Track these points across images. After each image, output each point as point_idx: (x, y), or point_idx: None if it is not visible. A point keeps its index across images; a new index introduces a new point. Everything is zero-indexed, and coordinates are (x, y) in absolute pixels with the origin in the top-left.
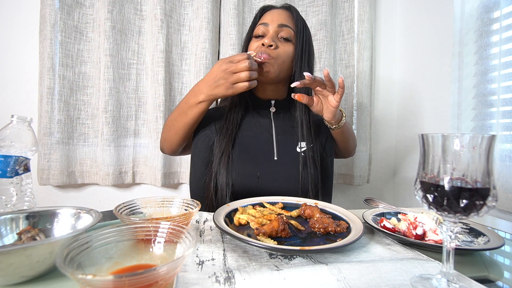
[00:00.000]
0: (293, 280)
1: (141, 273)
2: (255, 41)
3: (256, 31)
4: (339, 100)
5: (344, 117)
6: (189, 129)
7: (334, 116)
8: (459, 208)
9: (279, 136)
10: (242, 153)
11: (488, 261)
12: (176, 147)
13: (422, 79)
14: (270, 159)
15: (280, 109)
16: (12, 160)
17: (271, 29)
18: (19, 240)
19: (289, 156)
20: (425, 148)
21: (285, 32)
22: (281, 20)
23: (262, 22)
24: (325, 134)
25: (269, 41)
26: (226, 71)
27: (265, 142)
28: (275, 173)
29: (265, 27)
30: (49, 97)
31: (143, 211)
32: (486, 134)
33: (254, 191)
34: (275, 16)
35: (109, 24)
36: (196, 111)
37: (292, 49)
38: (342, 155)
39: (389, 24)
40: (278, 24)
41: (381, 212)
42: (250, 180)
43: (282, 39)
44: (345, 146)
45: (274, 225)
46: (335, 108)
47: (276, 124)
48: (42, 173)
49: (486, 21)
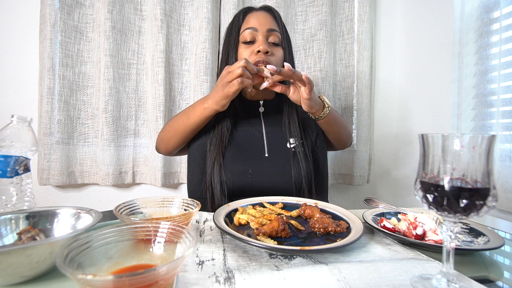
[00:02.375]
0: (293, 280)
1: (141, 273)
2: (245, 47)
3: (244, 36)
4: (308, 92)
5: (327, 108)
6: (188, 132)
7: (311, 107)
8: (459, 208)
9: (269, 134)
10: (234, 152)
11: (488, 261)
12: (172, 148)
13: (422, 79)
14: (261, 156)
15: (269, 108)
16: (12, 160)
17: (261, 34)
18: (19, 240)
19: (279, 152)
20: (425, 148)
21: (274, 36)
22: (268, 24)
23: (249, 27)
24: (315, 130)
25: (265, 48)
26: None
27: (256, 140)
28: (266, 169)
29: (254, 32)
30: (49, 97)
31: (143, 211)
32: (486, 134)
33: (247, 188)
34: (262, 20)
35: (109, 24)
36: (198, 115)
37: (282, 53)
38: (337, 146)
39: (389, 24)
40: (267, 28)
41: (381, 212)
42: (242, 177)
43: (272, 44)
44: (336, 137)
45: (274, 225)
46: (307, 100)
47: (266, 122)
48: (42, 173)
49: (486, 21)
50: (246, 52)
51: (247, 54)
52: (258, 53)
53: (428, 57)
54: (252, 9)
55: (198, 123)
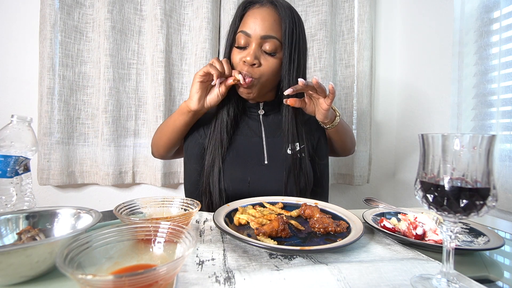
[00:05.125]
0: (293, 280)
1: (141, 273)
2: (237, 52)
3: (238, 39)
4: (329, 103)
5: (338, 117)
6: (173, 133)
7: (326, 117)
8: (459, 208)
9: (269, 139)
10: (233, 158)
11: (488, 261)
12: (163, 152)
13: (422, 79)
14: (260, 163)
15: (269, 110)
16: (12, 160)
17: (254, 41)
18: (19, 240)
19: (279, 159)
20: (425, 148)
21: (269, 44)
22: (265, 28)
23: (243, 30)
24: (317, 135)
25: (252, 60)
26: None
27: (255, 145)
28: (265, 177)
29: (246, 38)
30: (49, 97)
31: (143, 211)
32: (486, 134)
33: (245, 196)
34: (259, 23)
35: (109, 24)
36: (177, 115)
37: (276, 62)
38: (340, 154)
39: (389, 24)
40: (261, 35)
41: (381, 212)
42: (241, 185)
43: (266, 53)
44: (342, 145)
45: (274, 225)
46: (325, 110)
47: (265, 126)
48: (42, 173)
49: (486, 21)
50: (237, 57)
51: (237, 60)
52: (244, 63)
53: (428, 57)
54: (255, 3)
55: (180, 123)
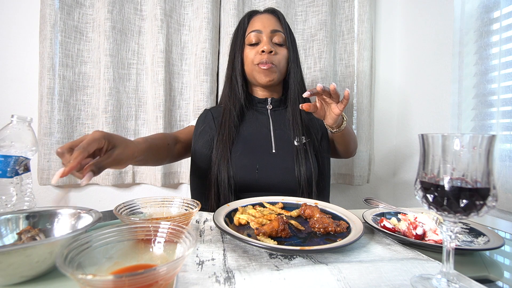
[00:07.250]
0: (293, 280)
1: (141, 273)
2: (250, 49)
3: (249, 39)
4: (342, 109)
5: (345, 121)
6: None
7: (336, 121)
8: (459, 208)
9: (277, 131)
10: (242, 148)
11: (488, 261)
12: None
13: (422, 79)
14: (268, 152)
15: (276, 106)
16: (12, 160)
17: (265, 35)
18: (19, 240)
19: (286, 148)
20: (425, 148)
21: (278, 37)
22: (272, 25)
23: (253, 29)
24: (320, 131)
25: (269, 47)
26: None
27: (263, 136)
28: (273, 165)
29: (258, 34)
30: (49, 97)
31: (143, 211)
32: (486, 134)
33: (253, 183)
34: (266, 22)
35: (109, 24)
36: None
37: (286, 52)
38: (343, 156)
39: (389, 24)
40: (271, 30)
41: (381, 212)
42: (249, 172)
43: (276, 44)
44: (345, 148)
45: (274, 225)
46: (337, 116)
47: (273, 120)
48: (42, 173)
49: (486, 21)
50: (251, 52)
51: (252, 55)
52: (262, 53)
53: (428, 57)
54: (257, 12)
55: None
